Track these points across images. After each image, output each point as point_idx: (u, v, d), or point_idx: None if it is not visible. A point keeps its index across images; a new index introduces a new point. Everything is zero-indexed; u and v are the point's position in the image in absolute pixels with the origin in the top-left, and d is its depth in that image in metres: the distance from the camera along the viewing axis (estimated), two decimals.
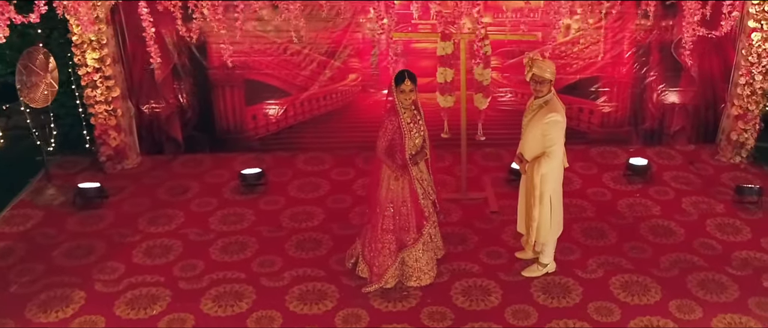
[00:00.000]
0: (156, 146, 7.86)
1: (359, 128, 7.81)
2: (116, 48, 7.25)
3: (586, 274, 5.73)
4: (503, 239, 6.23)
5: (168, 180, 7.36)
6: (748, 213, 6.54)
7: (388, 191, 5.32)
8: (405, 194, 5.33)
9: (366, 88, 7.63)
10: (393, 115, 5.15)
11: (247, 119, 7.76)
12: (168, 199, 7.01)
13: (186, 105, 7.71)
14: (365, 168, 7.48)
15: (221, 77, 7.57)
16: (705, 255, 5.95)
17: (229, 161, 7.70)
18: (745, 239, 6.17)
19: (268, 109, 7.71)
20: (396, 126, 5.15)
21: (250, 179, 7.09)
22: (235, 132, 7.83)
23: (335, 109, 7.73)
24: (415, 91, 5.18)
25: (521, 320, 5.24)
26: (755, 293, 5.45)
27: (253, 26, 7.31)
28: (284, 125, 7.81)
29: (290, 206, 6.84)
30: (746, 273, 5.71)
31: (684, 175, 7.25)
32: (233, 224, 6.54)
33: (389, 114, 5.18)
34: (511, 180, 7.10)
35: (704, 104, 7.56)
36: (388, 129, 5.16)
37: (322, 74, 7.53)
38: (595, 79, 7.51)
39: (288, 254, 6.07)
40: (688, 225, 6.38)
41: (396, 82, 5.10)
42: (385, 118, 5.20)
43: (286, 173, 7.46)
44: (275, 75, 7.56)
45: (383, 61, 7.45)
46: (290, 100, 7.67)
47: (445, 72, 6.21)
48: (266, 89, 7.63)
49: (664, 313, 5.26)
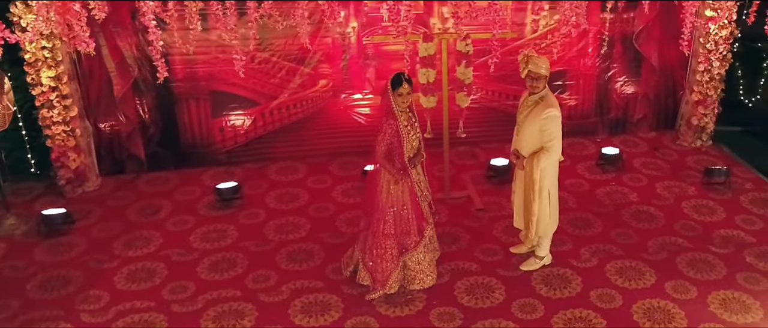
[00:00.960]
0: (116, 166, 7.55)
1: (331, 135, 7.76)
2: (71, 65, 6.92)
3: (581, 263, 5.90)
4: (494, 235, 6.34)
5: (135, 201, 7.08)
6: (718, 193, 6.91)
7: (388, 195, 5.30)
8: (405, 197, 5.33)
9: (337, 93, 7.58)
10: (390, 118, 5.14)
11: (214, 132, 7.57)
12: (140, 220, 6.74)
13: (148, 120, 7.44)
14: (342, 174, 7.45)
15: (185, 90, 7.35)
16: (688, 236, 6.24)
17: (197, 177, 7.49)
18: (721, 218, 6.52)
19: (233, 120, 7.53)
20: (394, 130, 5.15)
21: (227, 194, 6.92)
22: (202, 146, 7.62)
23: (306, 116, 7.65)
24: (412, 94, 5.20)
25: (529, 313, 5.34)
26: (741, 269, 5.77)
27: (219, 35, 7.12)
28: (253, 136, 7.66)
29: (272, 218, 6.71)
30: (729, 250, 6.03)
31: (652, 161, 7.58)
32: (216, 241, 6.36)
33: (386, 118, 5.16)
34: (491, 177, 7.23)
35: (664, 92, 7.94)
36: (386, 133, 5.14)
37: (292, 82, 7.43)
38: (562, 72, 7.74)
39: (281, 268, 5.96)
40: (666, 209, 6.68)
41: (393, 86, 5.09)
42: (382, 122, 5.18)
43: (260, 184, 7.32)
44: (243, 85, 7.41)
45: (354, 65, 7.43)
46: (259, 109, 7.53)
47: (427, 73, 6.26)
48: (233, 100, 7.47)
49: (662, 295, 5.48)
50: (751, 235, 6.25)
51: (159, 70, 5.89)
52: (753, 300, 5.41)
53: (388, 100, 5.13)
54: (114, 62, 7.10)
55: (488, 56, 5.97)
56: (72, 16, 5.39)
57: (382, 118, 5.19)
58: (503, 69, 7.68)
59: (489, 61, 5.80)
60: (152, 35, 5.81)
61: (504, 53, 7.60)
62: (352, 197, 7.04)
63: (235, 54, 6.13)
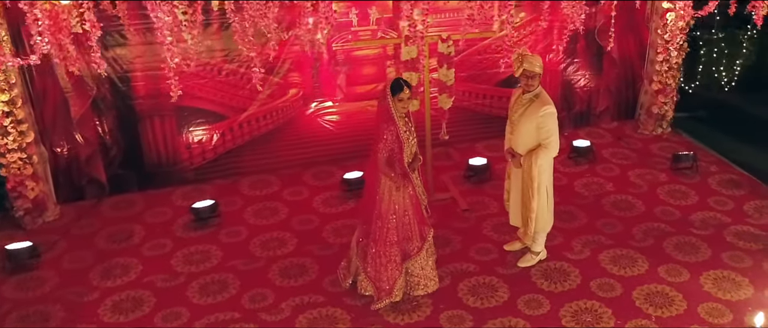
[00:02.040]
0: (75, 192, 7.17)
1: (302, 145, 7.65)
2: (24, 87, 6.54)
3: (575, 255, 6.06)
4: (485, 234, 6.42)
5: (102, 227, 6.76)
6: (687, 178, 7.26)
7: (390, 202, 5.27)
8: (406, 203, 5.32)
9: (308, 102, 7.48)
10: (390, 124, 5.11)
11: (180, 149, 7.31)
12: (112, 247, 6.44)
13: (109, 142, 7.11)
14: (318, 185, 7.36)
15: (149, 107, 7.07)
16: (668, 221, 6.52)
17: (165, 197, 7.22)
18: (695, 202, 6.85)
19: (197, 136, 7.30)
20: (395, 135, 5.12)
21: (204, 213, 6.70)
22: (168, 165, 7.35)
23: (276, 127, 7.50)
24: (411, 98, 5.20)
25: (535, 309, 5.44)
26: (725, 249, 6.08)
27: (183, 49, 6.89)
28: (222, 151, 7.45)
29: (256, 234, 6.55)
30: (709, 232, 6.34)
31: (619, 151, 7.88)
32: (201, 263, 6.15)
33: (386, 124, 5.12)
34: (470, 176, 7.32)
35: (625, 83, 8.26)
36: (387, 140, 5.11)
37: (261, 92, 7.28)
38: None
39: (276, 285, 5.83)
40: (643, 196, 6.95)
41: (393, 91, 5.07)
42: (382, 128, 5.13)
43: (235, 201, 7.13)
44: (210, 98, 7.20)
45: (325, 72, 7.36)
46: (227, 123, 7.34)
47: (410, 76, 6.26)
48: (200, 115, 7.24)
49: (658, 280, 5.71)
50: (726, 215, 6.60)
51: (172, 89, 5.56)
52: (742, 277, 5.71)
53: (387, 105, 5.10)
54: (70, 82, 6.74)
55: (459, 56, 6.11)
56: (65, 35, 5.05)
57: (381, 125, 5.15)
58: (471, 69, 7.82)
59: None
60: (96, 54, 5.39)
61: (471, 53, 7.74)
62: (333, 206, 6.96)
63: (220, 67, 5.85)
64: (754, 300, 5.46)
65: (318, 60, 7.22)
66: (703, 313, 5.33)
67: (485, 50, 7.76)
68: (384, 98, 5.13)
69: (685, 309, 5.37)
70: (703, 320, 5.26)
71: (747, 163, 7.52)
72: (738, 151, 7.76)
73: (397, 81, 5.13)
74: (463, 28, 6.20)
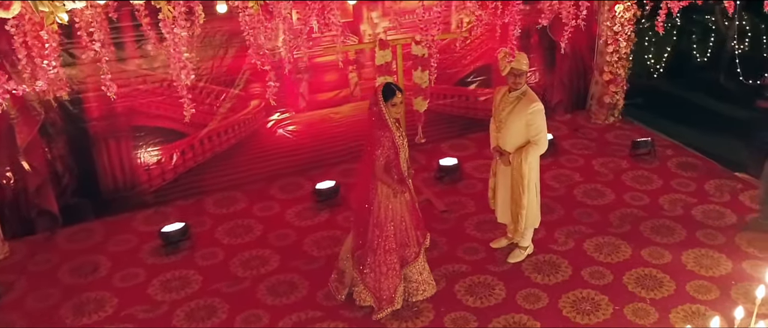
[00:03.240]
0: (24, 226, 6.71)
1: (266, 158, 7.49)
2: None
3: (561, 247, 6.23)
4: (469, 234, 6.49)
5: (63, 261, 6.36)
6: (647, 163, 7.62)
7: (387, 210, 5.23)
8: (403, 209, 5.30)
9: (271, 112, 7.32)
10: (385, 131, 5.06)
11: (139, 172, 6.99)
12: (79, 282, 6.08)
13: (61, 169, 6.71)
14: (287, 198, 7.22)
15: (103, 129, 6.73)
16: (639, 206, 6.82)
17: (126, 223, 6.88)
18: (659, 186, 7.19)
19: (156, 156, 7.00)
20: (390, 142, 5.09)
21: (175, 236, 6.43)
22: (126, 189, 7.01)
23: (238, 141, 7.30)
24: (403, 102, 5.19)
25: (535, 303, 5.56)
26: (697, 228, 6.43)
27: (138, 65, 6.62)
28: (182, 170, 7.18)
29: (233, 254, 6.36)
30: (678, 213, 6.68)
31: (578, 141, 8.17)
32: (182, 289, 5.91)
33: (381, 131, 5.06)
34: (441, 177, 7.38)
35: (576, 76, 8.56)
36: (384, 147, 5.07)
37: (221, 106, 7.07)
38: (488, 67, 8.08)
39: (268, 304, 5.68)
40: (611, 184, 7.24)
41: (385, 97, 5.03)
42: (377, 136, 5.06)
43: (203, 221, 6.89)
44: (168, 116, 6.92)
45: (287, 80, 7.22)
46: (187, 141, 7.08)
47: (385, 80, 6.24)
48: (159, 134, 6.95)
49: (643, 263, 5.96)
50: (691, 196, 6.97)
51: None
52: (718, 254, 6.04)
53: (380, 112, 5.05)
54: (15, 107, 6.31)
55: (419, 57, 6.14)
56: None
57: (376, 132, 5.08)
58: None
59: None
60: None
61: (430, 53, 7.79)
62: (308, 219, 6.85)
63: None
64: (734, 274, 5.80)
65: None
66: (692, 291, 5.61)
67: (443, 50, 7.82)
68: (376, 104, 5.08)
69: (675, 289, 5.63)
70: (694, 297, 5.53)
71: (693, 144, 7.97)
72: (683, 135, 8.21)
73: (389, 86, 5.11)
74: (431, 30, 6.24)
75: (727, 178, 7.27)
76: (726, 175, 7.33)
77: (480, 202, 6.95)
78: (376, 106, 5.08)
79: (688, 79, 9.72)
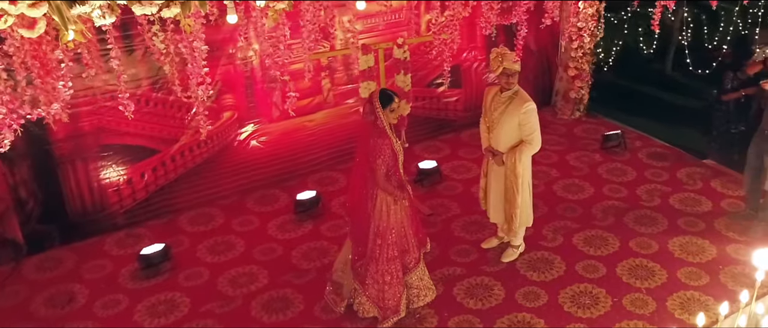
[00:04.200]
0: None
1: (240, 171, 7.31)
2: None
3: (551, 243, 6.33)
4: (458, 236, 6.51)
5: (35, 292, 6.04)
6: (619, 155, 7.84)
7: (388, 218, 5.18)
8: (403, 215, 5.26)
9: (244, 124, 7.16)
10: (384, 138, 4.99)
11: (108, 193, 6.71)
12: (55, 313, 5.78)
13: (24, 195, 6.36)
14: (265, 210, 7.07)
15: (69, 150, 6.42)
16: (619, 198, 7.00)
17: (97, 248, 6.59)
18: (633, 177, 7.40)
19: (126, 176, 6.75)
20: (390, 149, 5.03)
21: (156, 258, 6.19)
22: (95, 212, 6.71)
23: (211, 155, 7.10)
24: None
25: (535, 300, 5.62)
26: (678, 216, 6.65)
27: (104, 81, 6.34)
28: (154, 189, 6.93)
29: (219, 272, 6.17)
30: (656, 202, 6.90)
31: (548, 137, 8.26)
32: (170, 313, 5.70)
33: (380, 138, 4.99)
34: (420, 180, 7.38)
35: (541, 72, 8.73)
36: (385, 154, 5.00)
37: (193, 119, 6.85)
38: (456, 67, 8.13)
39: (265, 322, 5.55)
40: (588, 178, 7.40)
41: (383, 103, 4.97)
42: (376, 144, 4.97)
43: (181, 240, 6.66)
44: (137, 133, 6.67)
45: (259, 90, 7.09)
46: (158, 158, 6.84)
47: (369, 86, 6.21)
48: (128, 152, 6.68)
49: (633, 254, 6.12)
50: (665, 185, 7.21)
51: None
52: (702, 240, 6.27)
53: (378, 119, 4.98)
54: None
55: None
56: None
57: (376, 140, 4.98)
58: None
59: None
60: None
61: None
62: (291, 231, 6.72)
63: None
64: (720, 259, 6.02)
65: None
66: (683, 278, 5.79)
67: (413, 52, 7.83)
68: (372, 112, 5.00)
69: (667, 277, 5.80)
70: (687, 284, 5.72)
71: (654, 134, 8.25)
72: (644, 126, 8.49)
73: (384, 92, 5.06)
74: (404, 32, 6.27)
75: (696, 166, 7.54)
76: (694, 163, 7.61)
77: (463, 203, 7.00)
78: (372, 114, 5.02)
79: (638, 71, 10.06)
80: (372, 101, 5.02)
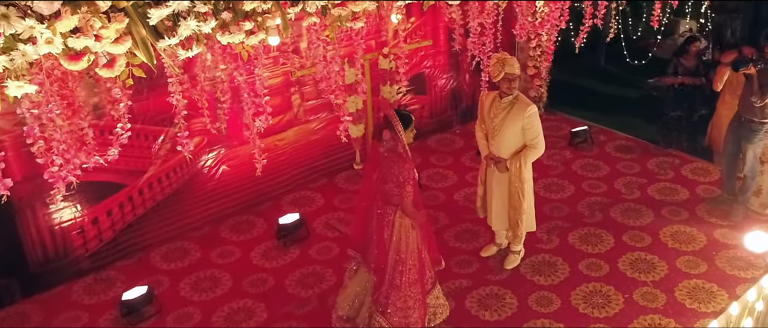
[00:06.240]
0: None
1: (211, 199, 6.95)
2: None
3: (548, 245, 6.40)
4: (453, 246, 6.46)
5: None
6: (587, 150, 8.05)
7: (408, 243, 5.01)
8: (418, 237, 5.11)
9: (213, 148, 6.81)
10: (406, 162, 4.80)
11: (71, 237, 6.19)
12: None
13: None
14: (244, 239, 6.75)
15: (27, 193, 5.87)
16: (600, 193, 7.17)
17: (64, 298, 6.07)
18: (607, 171, 7.61)
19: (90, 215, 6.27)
20: (411, 173, 4.87)
21: (139, 304, 5.77)
22: (58, 259, 6.18)
23: (180, 185, 6.71)
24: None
25: (548, 305, 5.65)
26: (660, 206, 6.89)
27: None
28: (121, 226, 6.46)
29: (210, 311, 5.82)
30: (637, 195, 7.12)
31: None
32: None
33: (401, 163, 4.78)
34: None
35: None
36: (409, 180, 4.82)
37: (161, 148, 6.46)
38: (421, 73, 8.08)
39: None
40: (566, 175, 7.55)
41: (405, 125, 4.78)
42: (403, 170, 4.76)
43: (160, 280, 6.23)
44: (101, 167, 6.15)
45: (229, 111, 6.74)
46: (125, 193, 6.39)
47: (355, 100, 6.04)
48: (91, 189, 6.19)
49: (630, 248, 6.28)
50: (640, 176, 7.46)
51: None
52: (690, 228, 6.51)
53: (399, 141, 4.79)
54: None
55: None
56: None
57: (397, 167, 4.77)
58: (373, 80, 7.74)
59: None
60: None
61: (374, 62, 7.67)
62: (277, 258, 6.45)
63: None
64: (711, 244, 6.27)
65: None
66: (683, 267, 5.98)
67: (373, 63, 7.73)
68: (393, 138, 4.80)
69: (668, 268, 5.98)
70: (688, 273, 5.91)
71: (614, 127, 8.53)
72: (602, 120, 8.76)
73: (400, 113, 4.86)
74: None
75: (663, 155, 7.85)
76: (661, 152, 7.92)
77: (450, 212, 6.97)
78: (393, 139, 4.80)
79: (573, 65, 10.35)
80: (393, 126, 4.77)
